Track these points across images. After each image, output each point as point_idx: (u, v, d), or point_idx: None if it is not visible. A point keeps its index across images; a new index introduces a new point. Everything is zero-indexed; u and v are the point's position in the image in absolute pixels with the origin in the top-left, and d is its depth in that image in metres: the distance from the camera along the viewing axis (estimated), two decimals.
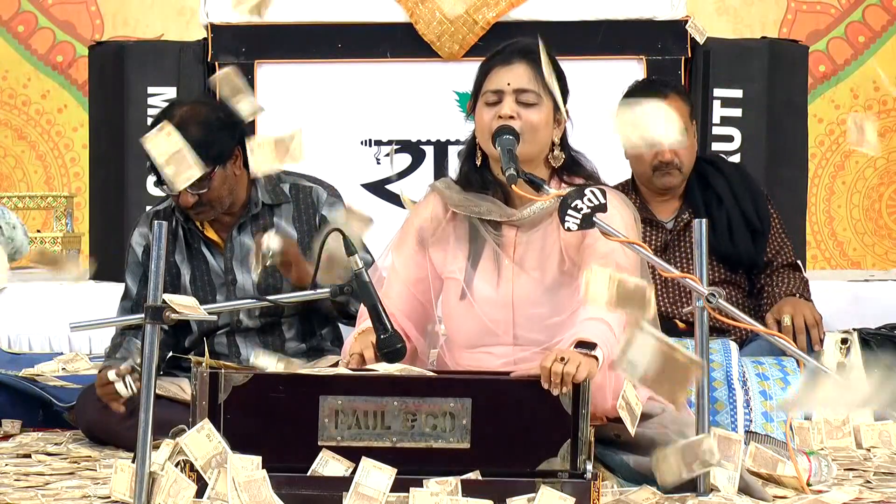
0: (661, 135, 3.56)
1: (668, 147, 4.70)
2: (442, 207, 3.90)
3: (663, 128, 3.56)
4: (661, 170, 4.80)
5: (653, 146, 4.45)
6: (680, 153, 4.78)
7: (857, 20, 8.91)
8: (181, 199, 4.36)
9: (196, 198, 4.34)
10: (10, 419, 4.72)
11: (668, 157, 4.77)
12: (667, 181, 4.81)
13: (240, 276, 4.48)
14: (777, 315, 4.69)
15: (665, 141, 3.62)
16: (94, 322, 4.31)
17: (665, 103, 4.67)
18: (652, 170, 4.80)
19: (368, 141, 5.91)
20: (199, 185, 4.29)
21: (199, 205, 4.37)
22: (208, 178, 4.32)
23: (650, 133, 3.56)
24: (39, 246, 4.13)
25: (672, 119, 3.59)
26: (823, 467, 3.75)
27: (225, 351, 4.49)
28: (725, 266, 4.84)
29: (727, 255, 4.83)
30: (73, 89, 8.92)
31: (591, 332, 3.52)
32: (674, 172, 4.80)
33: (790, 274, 4.88)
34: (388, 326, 3.66)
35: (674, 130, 3.57)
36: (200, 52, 5.92)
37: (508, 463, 3.37)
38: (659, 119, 3.58)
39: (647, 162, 4.80)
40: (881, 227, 8.96)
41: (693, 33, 5.82)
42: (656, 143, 3.66)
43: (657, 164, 4.79)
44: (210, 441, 3.32)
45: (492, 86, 3.79)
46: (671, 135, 3.58)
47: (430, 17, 5.81)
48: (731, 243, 4.82)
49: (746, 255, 4.85)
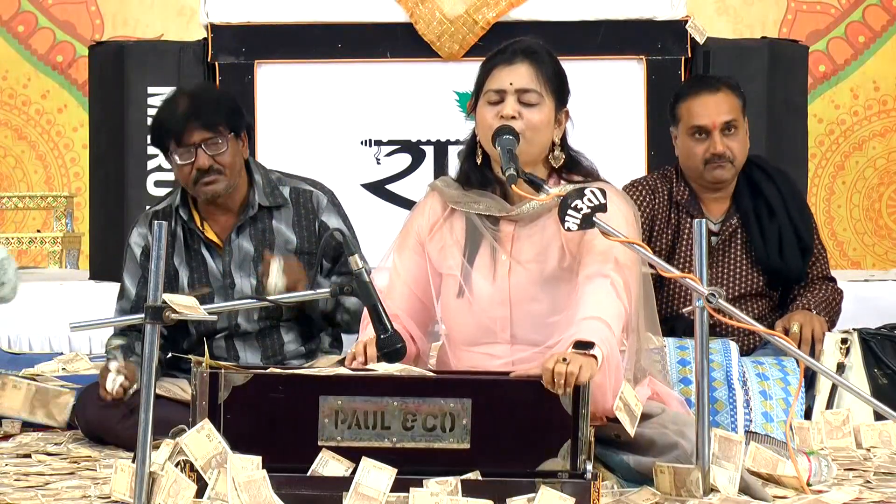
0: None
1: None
2: (441, 206, 3.90)
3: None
4: (712, 162, 4.74)
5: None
6: (732, 146, 4.73)
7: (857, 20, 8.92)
8: (198, 162, 4.35)
9: (211, 160, 4.35)
10: (10, 419, 4.72)
11: (720, 148, 4.72)
12: (718, 174, 4.75)
13: (238, 280, 4.48)
14: (786, 323, 4.67)
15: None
16: (94, 322, 4.30)
17: (714, 97, 4.73)
18: (703, 163, 4.76)
19: (368, 141, 5.91)
20: (216, 145, 4.33)
21: (212, 170, 4.36)
22: (225, 140, 4.35)
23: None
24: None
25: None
26: (823, 467, 3.75)
27: (224, 355, 4.48)
28: (766, 278, 4.81)
29: (776, 269, 4.79)
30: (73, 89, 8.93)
31: (590, 331, 3.52)
32: (726, 165, 4.74)
33: (823, 287, 4.85)
34: (389, 326, 3.65)
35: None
36: (200, 52, 5.92)
37: (508, 463, 3.37)
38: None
39: (698, 155, 4.76)
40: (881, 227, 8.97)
41: (693, 33, 5.82)
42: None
43: (709, 157, 4.74)
44: (210, 441, 3.32)
45: (494, 85, 3.79)
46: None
47: (430, 17, 5.81)
48: (780, 258, 4.78)
49: (795, 271, 4.81)
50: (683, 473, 3.48)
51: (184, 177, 4.40)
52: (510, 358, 3.73)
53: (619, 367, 3.61)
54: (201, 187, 4.39)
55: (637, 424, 3.53)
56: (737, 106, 4.78)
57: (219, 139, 4.36)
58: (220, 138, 4.36)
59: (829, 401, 4.60)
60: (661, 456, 3.60)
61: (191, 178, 4.38)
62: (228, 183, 4.40)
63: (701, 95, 4.78)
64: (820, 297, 4.81)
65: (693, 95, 4.79)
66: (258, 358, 4.49)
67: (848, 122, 8.95)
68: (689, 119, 4.76)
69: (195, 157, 4.35)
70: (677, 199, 4.81)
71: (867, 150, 8.96)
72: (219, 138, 4.36)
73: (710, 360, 3.54)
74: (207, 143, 4.36)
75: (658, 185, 4.82)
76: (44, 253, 7.70)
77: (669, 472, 3.51)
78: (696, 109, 4.76)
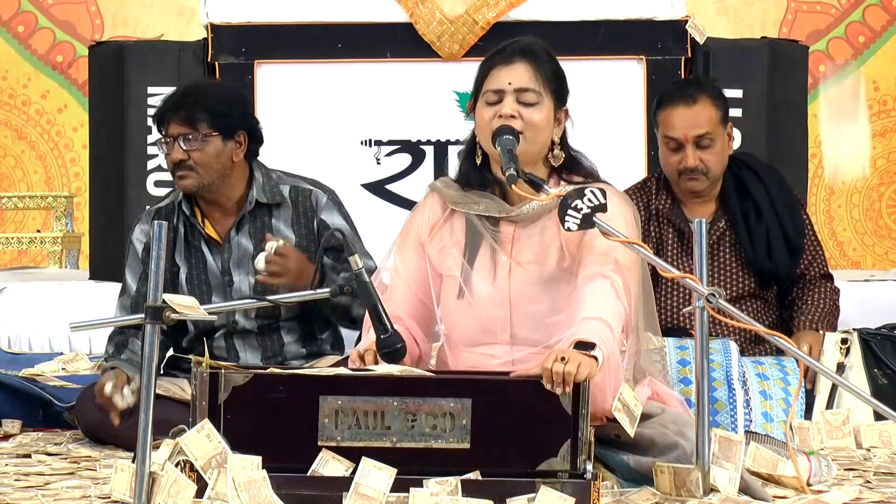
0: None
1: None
2: (440, 206, 3.90)
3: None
4: (685, 174, 4.73)
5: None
6: (706, 158, 4.70)
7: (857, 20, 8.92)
8: (172, 154, 4.40)
9: (185, 155, 4.38)
10: (10, 419, 4.72)
11: (691, 162, 4.70)
12: (691, 185, 4.74)
13: (236, 278, 4.48)
14: (796, 343, 4.65)
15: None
16: (94, 322, 4.30)
17: (690, 111, 4.70)
18: (677, 174, 4.75)
19: (368, 141, 5.91)
20: (191, 141, 4.35)
21: (184, 165, 4.40)
22: (205, 137, 4.36)
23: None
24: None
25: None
26: (823, 467, 3.75)
27: (223, 354, 4.48)
28: (758, 279, 4.80)
29: (765, 271, 4.78)
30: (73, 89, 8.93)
31: (590, 331, 3.52)
32: (699, 178, 4.72)
33: (822, 289, 4.83)
34: (388, 326, 3.65)
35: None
36: (200, 52, 5.91)
37: (508, 463, 3.37)
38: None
39: (672, 165, 4.75)
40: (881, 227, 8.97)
41: (693, 33, 5.82)
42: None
43: (682, 169, 4.73)
44: (210, 441, 3.32)
45: (493, 85, 3.79)
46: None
47: (430, 17, 5.81)
48: (769, 260, 4.77)
49: (784, 271, 4.80)
50: (683, 473, 3.48)
51: (167, 166, 4.49)
52: (509, 357, 3.73)
53: (619, 368, 3.61)
54: (177, 180, 4.46)
55: (637, 424, 3.53)
56: (714, 117, 4.73)
57: (196, 136, 4.39)
58: (197, 135, 4.39)
59: (829, 401, 4.60)
60: (661, 456, 3.60)
61: (170, 169, 4.46)
62: (201, 181, 4.42)
63: (677, 107, 4.74)
64: (822, 309, 4.80)
65: (670, 106, 4.76)
66: (258, 358, 4.49)
67: None
68: (664, 129, 4.76)
69: (171, 151, 4.39)
70: (657, 210, 4.81)
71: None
72: (196, 135, 4.39)
73: (710, 360, 3.54)
74: (184, 137, 4.39)
75: (636, 200, 4.78)
76: (44, 253, 7.70)
77: (669, 472, 3.51)
78: (671, 121, 4.74)
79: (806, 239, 4.86)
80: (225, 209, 4.50)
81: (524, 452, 3.37)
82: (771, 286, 4.84)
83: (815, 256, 4.89)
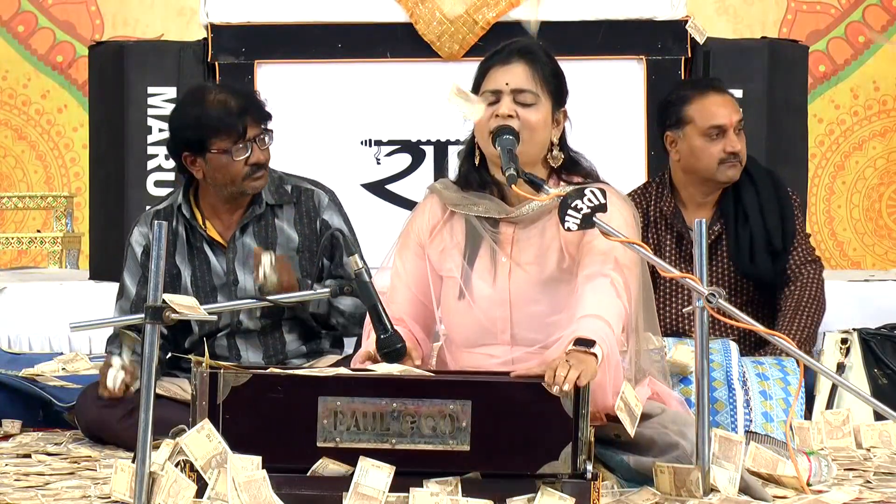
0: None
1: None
2: (440, 208, 3.90)
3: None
4: (727, 161, 4.74)
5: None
6: (742, 145, 4.75)
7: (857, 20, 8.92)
8: (254, 157, 4.37)
9: (265, 156, 4.41)
10: (10, 419, 4.72)
11: (737, 146, 4.72)
12: (731, 174, 4.75)
13: (241, 277, 4.48)
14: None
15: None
16: (94, 322, 4.31)
17: (723, 97, 4.73)
18: (718, 162, 4.75)
19: (368, 141, 5.91)
20: (265, 141, 4.41)
21: (263, 166, 4.41)
22: (270, 135, 4.42)
23: None
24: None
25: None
26: (823, 467, 3.75)
27: (226, 353, 4.49)
28: (753, 283, 4.81)
29: (748, 275, 4.79)
30: (73, 89, 8.93)
31: (590, 329, 3.52)
32: (737, 165, 4.75)
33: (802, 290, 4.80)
34: (388, 326, 3.65)
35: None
36: (200, 52, 5.91)
37: (508, 466, 3.36)
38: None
39: (714, 155, 4.75)
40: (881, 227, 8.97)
41: (693, 33, 5.82)
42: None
43: (724, 157, 4.74)
44: (210, 441, 3.32)
45: (490, 85, 3.79)
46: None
47: (430, 17, 5.81)
48: (751, 264, 4.78)
49: (766, 275, 4.80)
50: (683, 473, 3.48)
51: (233, 173, 4.39)
52: (509, 357, 3.73)
53: (618, 366, 3.61)
54: (249, 182, 4.41)
55: (637, 424, 3.53)
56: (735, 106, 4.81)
57: (267, 135, 4.42)
58: (268, 134, 4.43)
59: (829, 401, 4.60)
60: (661, 456, 3.60)
61: (242, 173, 4.39)
62: (266, 180, 4.44)
63: (711, 95, 4.78)
64: (803, 321, 4.76)
65: (702, 96, 4.78)
66: (260, 357, 4.50)
67: (848, 122, 8.95)
68: (706, 119, 4.74)
69: (250, 152, 4.37)
70: (657, 214, 4.81)
71: (867, 150, 8.96)
72: (267, 134, 4.42)
73: (710, 360, 3.54)
74: (260, 138, 4.39)
75: (637, 205, 4.76)
76: (44, 253, 7.71)
77: (669, 472, 3.51)
78: (713, 109, 4.75)
79: (796, 240, 4.85)
80: (235, 209, 4.50)
81: (525, 455, 3.35)
82: (766, 289, 4.84)
83: (800, 243, 4.84)
